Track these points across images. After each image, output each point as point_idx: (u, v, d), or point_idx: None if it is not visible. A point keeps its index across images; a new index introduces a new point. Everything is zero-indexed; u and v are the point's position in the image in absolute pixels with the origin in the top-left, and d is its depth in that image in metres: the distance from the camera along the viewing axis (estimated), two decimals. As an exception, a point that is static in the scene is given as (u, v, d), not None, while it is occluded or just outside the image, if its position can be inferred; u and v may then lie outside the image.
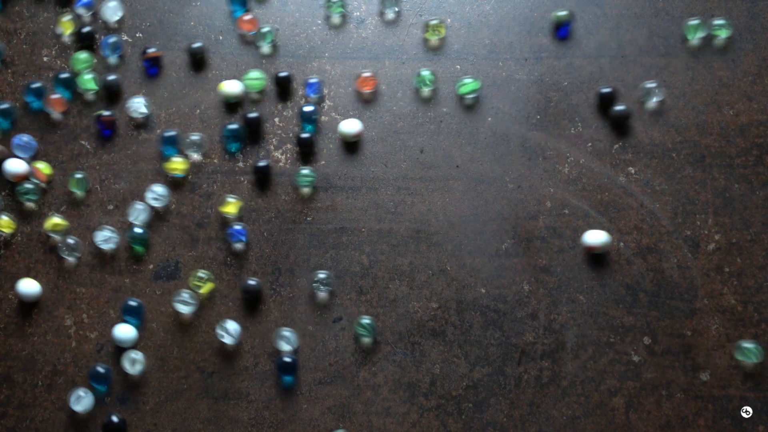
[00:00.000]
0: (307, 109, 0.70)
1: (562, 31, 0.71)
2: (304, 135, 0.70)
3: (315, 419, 0.67)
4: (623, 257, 0.69)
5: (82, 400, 0.66)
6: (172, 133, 0.70)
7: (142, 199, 0.70)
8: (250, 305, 0.69)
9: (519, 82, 0.72)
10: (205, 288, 0.68)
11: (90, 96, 0.71)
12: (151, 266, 0.69)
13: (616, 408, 0.67)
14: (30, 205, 0.69)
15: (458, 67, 0.72)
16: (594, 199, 0.70)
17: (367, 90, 0.71)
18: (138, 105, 0.70)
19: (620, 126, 0.70)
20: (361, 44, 0.73)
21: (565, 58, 0.72)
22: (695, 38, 0.69)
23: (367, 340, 0.68)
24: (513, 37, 0.73)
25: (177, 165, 0.69)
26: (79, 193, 0.69)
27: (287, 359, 0.67)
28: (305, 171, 0.69)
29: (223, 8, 0.73)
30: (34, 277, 0.69)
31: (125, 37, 0.73)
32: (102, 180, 0.70)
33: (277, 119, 0.71)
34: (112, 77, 0.71)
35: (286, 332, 0.68)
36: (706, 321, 0.68)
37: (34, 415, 0.67)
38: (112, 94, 0.72)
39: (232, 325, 0.67)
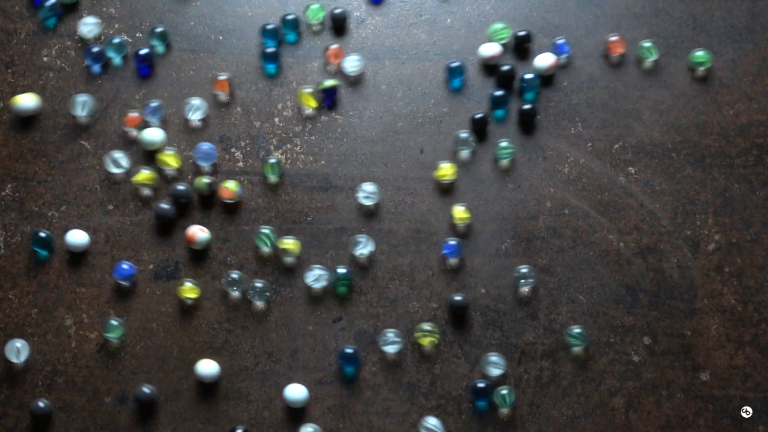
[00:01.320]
0: (528, 76, 0.70)
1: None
2: (527, 106, 0.69)
3: (315, 419, 0.67)
4: (623, 257, 0.69)
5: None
6: (456, 63, 0.69)
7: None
8: (458, 321, 0.68)
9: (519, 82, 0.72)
10: (428, 340, 0.67)
11: (316, 28, 0.71)
12: (151, 266, 0.69)
13: (616, 408, 0.67)
14: (265, 249, 0.69)
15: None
16: (594, 199, 0.70)
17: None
18: (354, 63, 0.70)
19: None
20: (361, 44, 0.73)
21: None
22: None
23: None
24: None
25: (445, 171, 0.69)
26: (272, 177, 0.69)
27: (481, 384, 0.66)
28: (504, 143, 0.68)
29: (223, 8, 0.73)
30: (34, 278, 0.69)
31: (125, 37, 0.73)
32: (102, 180, 0.70)
33: (276, 119, 0.71)
34: (338, 10, 0.71)
35: (494, 357, 0.67)
36: (706, 321, 0.68)
37: (34, 415, 0.67)
38: (338, 28, 0.72)
39: (434, 421, 0.66)
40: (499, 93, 0.70)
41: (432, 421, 0.66)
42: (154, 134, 0.70)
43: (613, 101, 0.72)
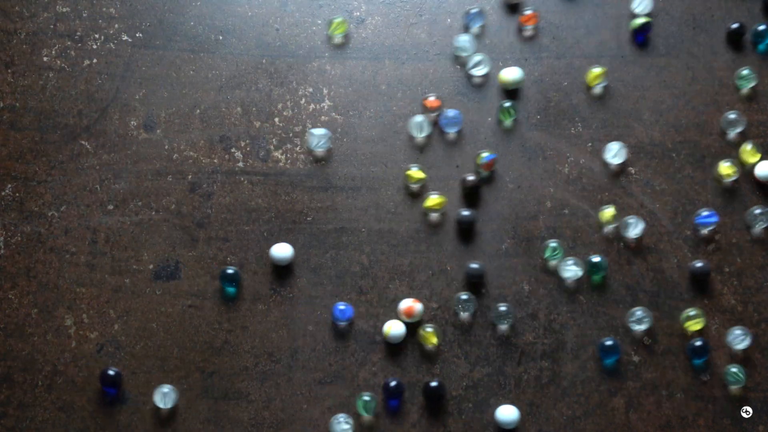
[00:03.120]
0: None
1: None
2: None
3: (315, 419, 0.67)
4: (623, 257, 0.69)
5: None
6: None
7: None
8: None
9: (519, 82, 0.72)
10: (696, 325, 0.67)
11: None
12: (151, 266, 0.69)
13: (616, 408, 0.67)
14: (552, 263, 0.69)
15: (458, 67, 0.72)
16: (594, 199, 0.70)
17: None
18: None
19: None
20: (361, 44, 0.73)
21: (565, 58, 0.72)
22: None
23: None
24: (513, 37, 0.73)
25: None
26: (508, 121, 0.68)
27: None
28: (745, 71, 0.69)
29: (223, 8, 0.73)
30: (34, 278, 0.69)
31: (125, 37, 0.73)
32: (102, 180, 0.70)
33: (276, 119, 0.71)
34: None
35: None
36: (706, 321, 0.68)
37: (34, 415, 0.67)
38: None
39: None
40: (762, 26, 0.69)
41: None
42: (512, 73, 0.70)
43: (613, 101, 0.72)
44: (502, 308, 0.67)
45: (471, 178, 0.69)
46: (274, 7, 0.73)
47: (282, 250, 0.68)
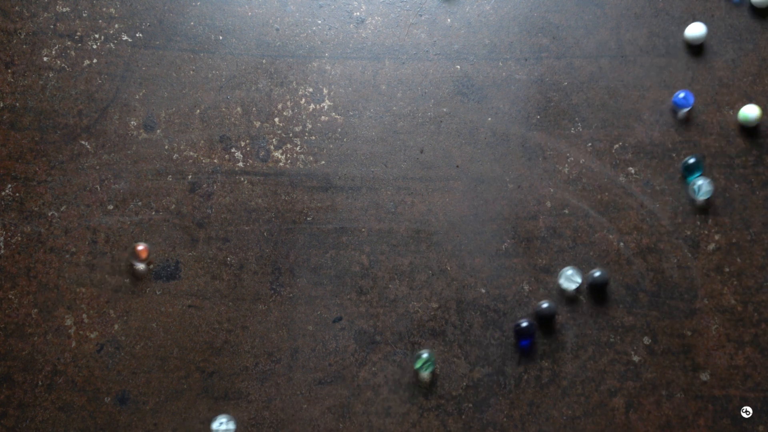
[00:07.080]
0: None
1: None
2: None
3: (315, 419, 0.67)
4: (623, 257, 0.69)
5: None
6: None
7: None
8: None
9: (519, 82, 0.72)
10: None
11: None
12: (151, 266, 0.69)
13: (616, 408, 0.67)
14: None
15: (458, 67, 0.72)
16: (594, 199, 0.70)
17: None
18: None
19: None
20: (361, 44, 0.73)
21: (565, 58, 0.72)
22: None
23: None
24: (513, 37, 0.73)
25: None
26: None
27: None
28: None
29: (223, 8, 0.73)
30: (34, 278, 0.69)
31: (125, 37, 0.73)
32: (102, 180, 0.70)
33: (276, 119, 0.71)
34: None
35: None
36: (706, 321, 0.68)
37: (34, 415, 0.67)
38: None
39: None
40: None
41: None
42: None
43: (613, 101, 0.72)
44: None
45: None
46: (274, 7, 0.73)
47: (696, 30, 0.67)
